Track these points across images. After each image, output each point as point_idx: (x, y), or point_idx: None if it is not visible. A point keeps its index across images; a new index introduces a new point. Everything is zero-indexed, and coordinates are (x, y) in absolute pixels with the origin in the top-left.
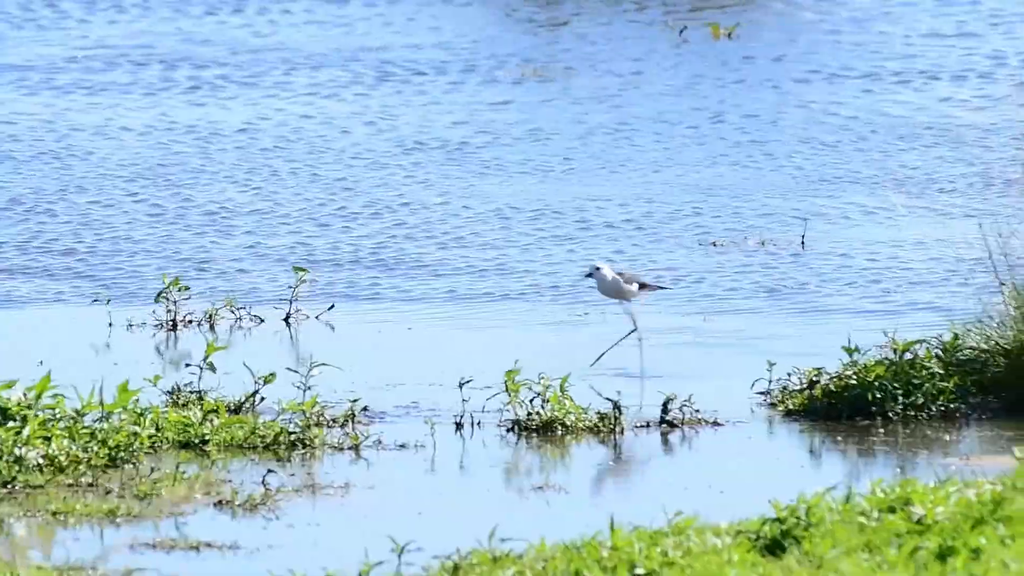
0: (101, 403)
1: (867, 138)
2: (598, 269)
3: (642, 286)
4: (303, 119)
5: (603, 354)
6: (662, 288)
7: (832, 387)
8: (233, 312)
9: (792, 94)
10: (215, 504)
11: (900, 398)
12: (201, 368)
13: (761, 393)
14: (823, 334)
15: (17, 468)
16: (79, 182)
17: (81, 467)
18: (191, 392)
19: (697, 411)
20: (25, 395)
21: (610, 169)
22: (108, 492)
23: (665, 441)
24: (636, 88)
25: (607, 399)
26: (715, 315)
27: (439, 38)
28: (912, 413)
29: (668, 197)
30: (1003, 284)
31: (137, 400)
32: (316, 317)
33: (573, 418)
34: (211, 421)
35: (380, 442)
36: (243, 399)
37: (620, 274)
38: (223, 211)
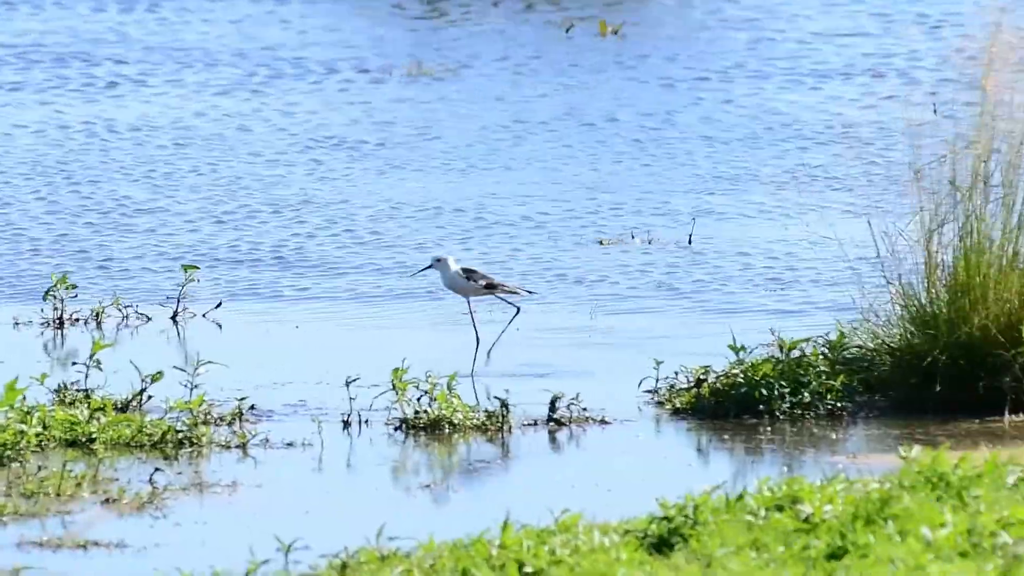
0: None
1: (761, 136)
2: (439, 260)
3: (490, 286)
4: (198, 116)
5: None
6: (526, 292)
7: (719, 385)
8: (120, 310)
9: (688, 92)
10: (102, 502)
11: (787, 396)
12: (88, 366)
13: (649, 392)
14: (711, 332)
15: None
16: None
17: None
18: (78, 390)
19: (585, 409)
20: None
21: (507, 167)
22: None
23: (552, 439)
24: (530, 86)
25: (495, 397)
26: (602, 313)
27: (330, 37)
28: (799, 411)
29: (559, 195)
30: (889, 283)
31: (24, 398)
32: (203, 315)
33: (461, 416)
34: (98, 419)
35: (267, 440)
36: (130, 397)
37: (471, 271)
38: (119, 208)
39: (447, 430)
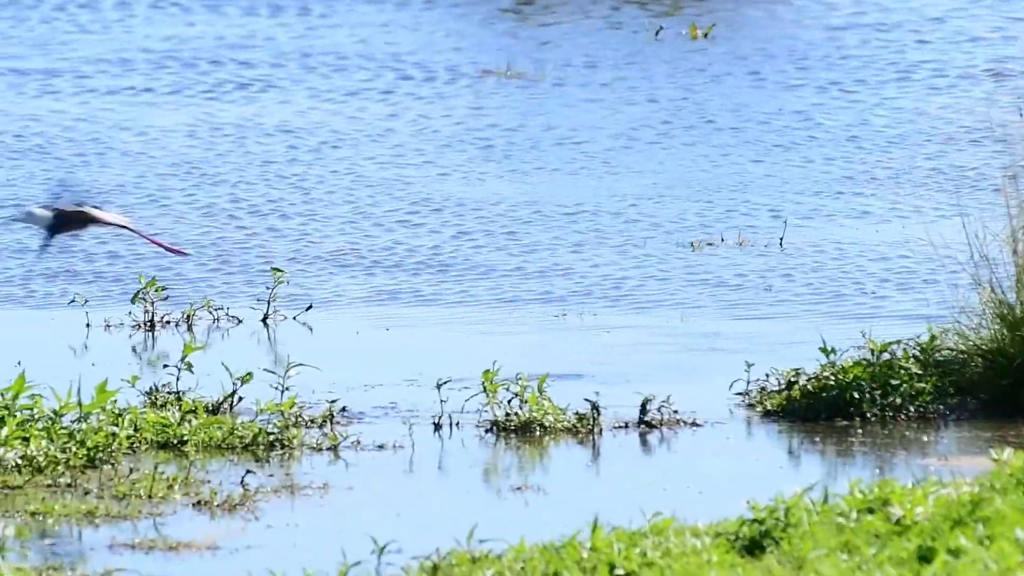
0: (79, 403)
1: (855, 139)
2: (30, 214)
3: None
4: (338, 119)
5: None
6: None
7: (810, 388)
8: (211, 312)
9: (792, 93)
10: (194, 504)
11: (878, 399)
12: (179, 368)
13: (739, 394)
14: (802, 334)
15: None
16: (116, 181)
17: (59, 468)
18: (169, 392)
19: (675, 412)
20: (2, 396)
21: (612, 169)
22: (87, 493)
23: (643, 442)
24: (639, 90)
25: (585, 400)
26: (693, 316)
27: (460, 41)
28: (890, 414)
29: (647, 196)
30: (980, 285)
31: (115, 401)
32: (294, 318)
33: (551, 419)
34: (189, 422)
35: (359, 443)
36: (221, 399)
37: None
38: (245, 213)
39: (537, 432)
